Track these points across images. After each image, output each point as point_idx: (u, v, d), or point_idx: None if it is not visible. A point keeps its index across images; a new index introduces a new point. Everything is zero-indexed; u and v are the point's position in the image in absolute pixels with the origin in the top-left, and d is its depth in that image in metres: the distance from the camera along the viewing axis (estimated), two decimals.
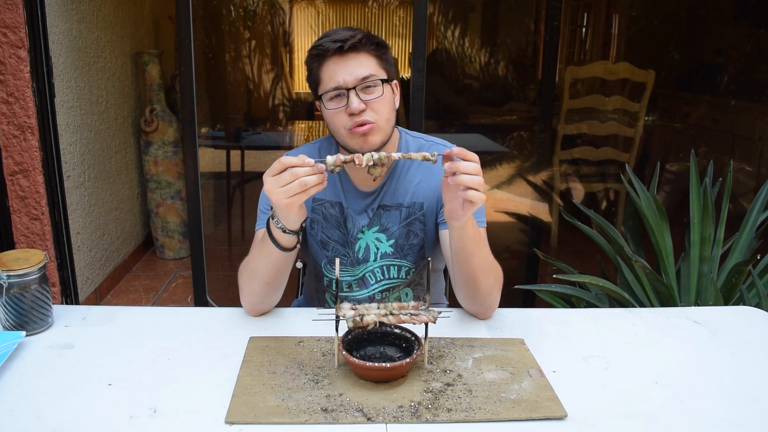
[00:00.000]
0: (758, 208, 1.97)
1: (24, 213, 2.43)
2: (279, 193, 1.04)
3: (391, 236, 1.33)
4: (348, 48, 1.17)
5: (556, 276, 1.81)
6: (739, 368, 1.08)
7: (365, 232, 1.33)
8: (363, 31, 1.20)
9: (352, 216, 1.33)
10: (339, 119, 1.20)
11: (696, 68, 3.41)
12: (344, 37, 1.17)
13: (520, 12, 3.63)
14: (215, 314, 1.28)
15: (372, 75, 1.18)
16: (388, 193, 1.32)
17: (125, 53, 3.39)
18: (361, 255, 1.34)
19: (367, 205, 1.33)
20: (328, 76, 1.19)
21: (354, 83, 1.17)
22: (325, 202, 1.33)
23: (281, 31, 4.06)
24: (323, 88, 1.20)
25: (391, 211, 1.32)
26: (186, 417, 0.91)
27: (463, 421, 0.91)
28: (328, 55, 1.18)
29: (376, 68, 1.20)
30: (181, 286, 3.26)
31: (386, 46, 1.24)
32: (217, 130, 3.81)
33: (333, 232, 1.34)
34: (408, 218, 1.32)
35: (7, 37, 2.25)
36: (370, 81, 1.18)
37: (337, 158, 1.06)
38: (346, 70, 1.17)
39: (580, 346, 1.14)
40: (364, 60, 1.19)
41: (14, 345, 1.05)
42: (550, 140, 3.18)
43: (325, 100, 1.21)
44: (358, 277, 1.36)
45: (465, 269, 1.16)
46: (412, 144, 1.34)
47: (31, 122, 2.33)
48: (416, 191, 1.31)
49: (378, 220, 1.33)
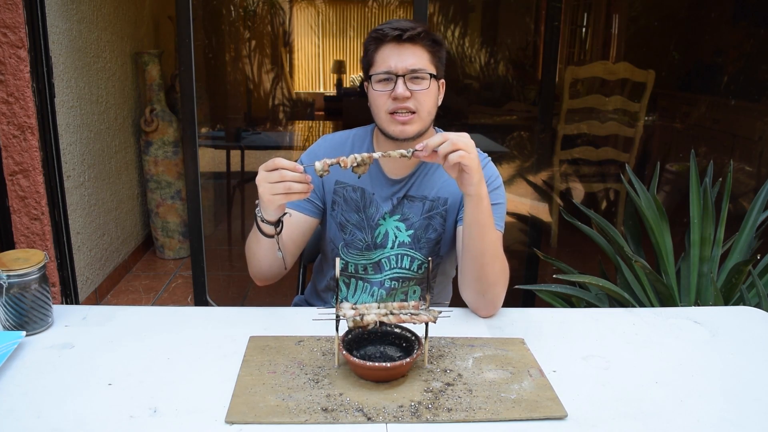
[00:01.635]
0: (758, 208, 1.97)
1: (24, 213, 2.43)
2: (265, 188, 1.11)
3: (410, 226, 1.37)
4: (406, 38, 1.22)
5: (556, 276, 1.81)
6: (739, 368, 1.08)
7: (387, 219, 1.38)
8: (424, 25, 1.26)
9: (377, 202, 1.37)
10: (382, 101, 1.25)
11: (696, 68, 3.41)
12: (405, 27, 1.23)
13: (520, 12, 3.63)
14: (215, 314, 1.28)
15: (422, 69, 1.24)
16: (416, 185, 1.37)
17: (125, 53, 3.39)
18: (380, 240, 1.38)
19: (393, 192, 1.37)
20: (382, 60, 1.25)
21: (404, 71, 1.23)
22: (348, 186, 1.38)
23: (281, 31, 4.06)
24: (375, 69, 1.26)
25: (415, 202, 1.37)
26: (186, 417, 0.91)
27: (464, 420, 0.91)
28: (386, 40, 1.24)
29: (428, 63, 1.25)
30: (181, 286, 3.26)
31: (442, 44, 1.29)
32: (217, 130, 3.81)
33: (352, 216, 1.38)
34: (430, 211, 1.37)
35: (7, 37, 2.25)
36: (419, 73, 1.23)
37: (323, 163, 1.10)
38: (400, 57, 1.23)
39: (580, 346, 1.14)
40: (418, 52, 1.24)
41: (14, 345, 1.05)
42: (550, 140, 3.18)
43: (374, 81, 1.26)
44: (374, 262, 1.39)
45: (475, 246, 1.20)
46: None
47: (31, 122, 2.33)
48: (443, 187, 1.36)
49: (400, 209, 1.37)
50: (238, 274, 3.42)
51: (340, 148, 1.39)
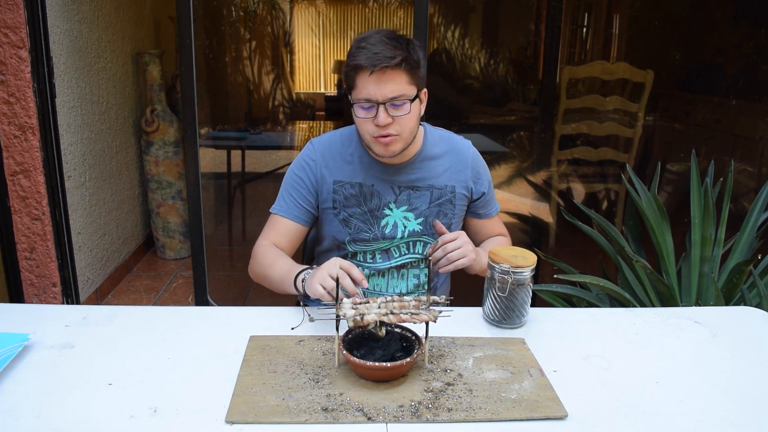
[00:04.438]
0: (759, 208, 1.96)
1: (25, 213, 2.44)
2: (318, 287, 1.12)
3: (419, 215, 1.43)
4: (384, 69, 1.24)
5: (556, 276, 1.81)
6: (740, 368, 1.08)
7: (393, 209, 1.42)
8: (403, 50, 1.25)
9: (378, 191, 1.42)
10: (366, 127, 1.31)
11: (697, 68, 3.41)
12: (381, 57, 1.23)
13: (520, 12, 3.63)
14: (215, 314, 1.28)
15: (402, 95, 1.26)
16: (414, 172, 1.42)
17: (126, 53, 3.39)
18: (389, 231, 1.42)
19: (393, 179, 1.42)
20: (362, 86, 1.27)
21: (383, 99, 1.26)
22: (345, 184, 1.42)
23: (282, 31, 4.06)
24: (356, 96, 1.29)
25: (422, 191, 1.43)
26: (186, 416, 0.91)
27: (464, 420, 0.91)
28: (363, 70, 1.25)
29: (407, 86, 1.27)
30: (181, 286, 3.26)
31: (420, 63, 1.30)
32: (217, 131, 3.81)
33: (354, 210, 1.42)
34: (440, 198, 1.44)
35: (8, 38, 2.25)
36: (399, 100, 1.26)
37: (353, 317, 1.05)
38: (378, 86, 1.25)
39: (580, 346, 1.14)
40: (396, 78, 1.25)
41: (19, 348, 1.05)
42: (550, 140, 3.18)
43: (356, 106, 1.30)
44: (383, 249, 1.43)
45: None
46: (437, 137, 1.47)
47: (32, 122, 2.33)
48: (447, 174, 1.44)
49: (407, 200, 1.42)
50: (238, 274, 3.42)
51: (332, 149, 1.44)
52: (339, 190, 1.42)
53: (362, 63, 1.24)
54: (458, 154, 1.46)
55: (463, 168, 1.46)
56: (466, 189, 1.46)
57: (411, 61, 1.26)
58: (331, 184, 1.42)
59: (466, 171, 1.46)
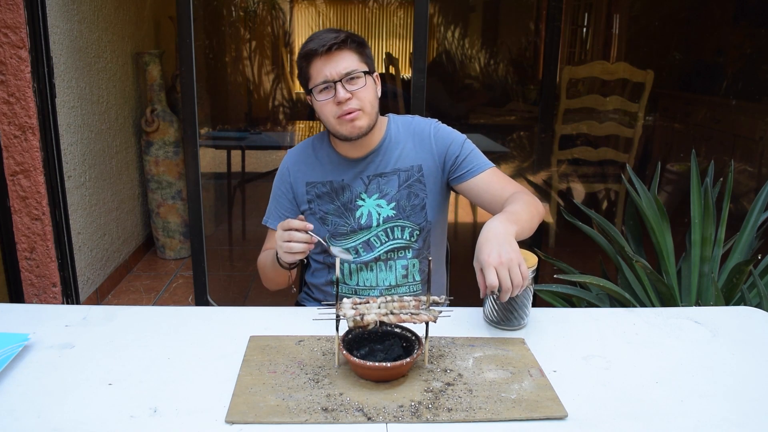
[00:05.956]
0: (759, 208, 1.96)
1: (25, 213, 2.44)
2: (280, 246, 1.28)
3: (391, 200, 1.45)
4: (333, 48, 1.32)
5: (556, 276, 1.81)
6: (740, 368, 1.08)
7: (365, 199, 1.45)
8: (345, 31, 1.37)
9: (348, 184, 1.45)
10: (328, 109, 1.35)
11: (697, 68, 3.41)
12: (329, 39, 1.33)
13: (520, 12, 3.63)
14: (215, 314, 1.28)
15: (355, 69, 1.34)
16: (382, 162, 1.45)
17: (126, 53, 3.39)
18: (364, 221, 1.45)
19: (359, 171, 1.45)
20: (317, 72, 1.34)
21: (339, 76, 1.33)
22: (317, 183, 1.47)
23: (281, 31, 4.07)
24: (313, 82, 1.36)
25: (389, 176, 1.45)
26: (186, 416, 0.91)
27: (464, 420, 0.91)
28: (315, 55, 1.33)
29: (358, 63, 1.36)
30: (181, 287, 3.26)
31: (365, 44, 1.40)
32: (217, 131, 3.82)
33: (328, 207, 1.47)
34: (407, 180, 1.45)
35: (8, 38, 2.25)
36: (354, 74, 1.34)
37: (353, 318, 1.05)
38: (332, 65, 1.33)
39: (580, 346, 1.14)
40: (347, 56, 1.34)
41: (19, 347, 1.05)
42: (550, 140, 3.18)
43: (315, 93, 1.36)
44: (363, 241, 1.46)
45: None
46: (400, 123, 1.50)
47: (32, 122, 2.34)
48: (410, 155, 1.46)
49: (377, 188, 1.45)
50: (238, 274, 3.42)
51: (303, 154, 1.51)
52: (311, 191, 1.47)
53: (312, 47, 1.33)
54: (419, 132, 1.47)
55: (426, 143, 1.46)
56: (434, 162, 1.45)
57: (356, 39, 1.35)
58: (304, 186, 1.48)
59: (430, 145, 1.45)
